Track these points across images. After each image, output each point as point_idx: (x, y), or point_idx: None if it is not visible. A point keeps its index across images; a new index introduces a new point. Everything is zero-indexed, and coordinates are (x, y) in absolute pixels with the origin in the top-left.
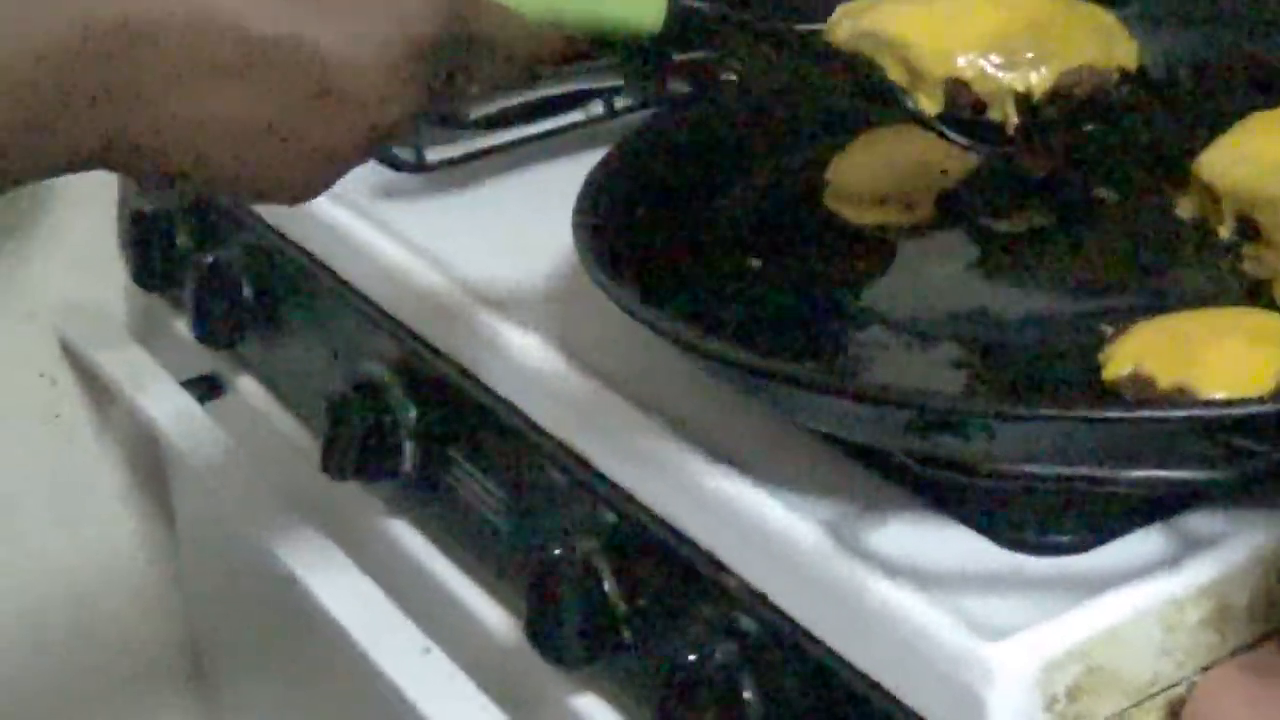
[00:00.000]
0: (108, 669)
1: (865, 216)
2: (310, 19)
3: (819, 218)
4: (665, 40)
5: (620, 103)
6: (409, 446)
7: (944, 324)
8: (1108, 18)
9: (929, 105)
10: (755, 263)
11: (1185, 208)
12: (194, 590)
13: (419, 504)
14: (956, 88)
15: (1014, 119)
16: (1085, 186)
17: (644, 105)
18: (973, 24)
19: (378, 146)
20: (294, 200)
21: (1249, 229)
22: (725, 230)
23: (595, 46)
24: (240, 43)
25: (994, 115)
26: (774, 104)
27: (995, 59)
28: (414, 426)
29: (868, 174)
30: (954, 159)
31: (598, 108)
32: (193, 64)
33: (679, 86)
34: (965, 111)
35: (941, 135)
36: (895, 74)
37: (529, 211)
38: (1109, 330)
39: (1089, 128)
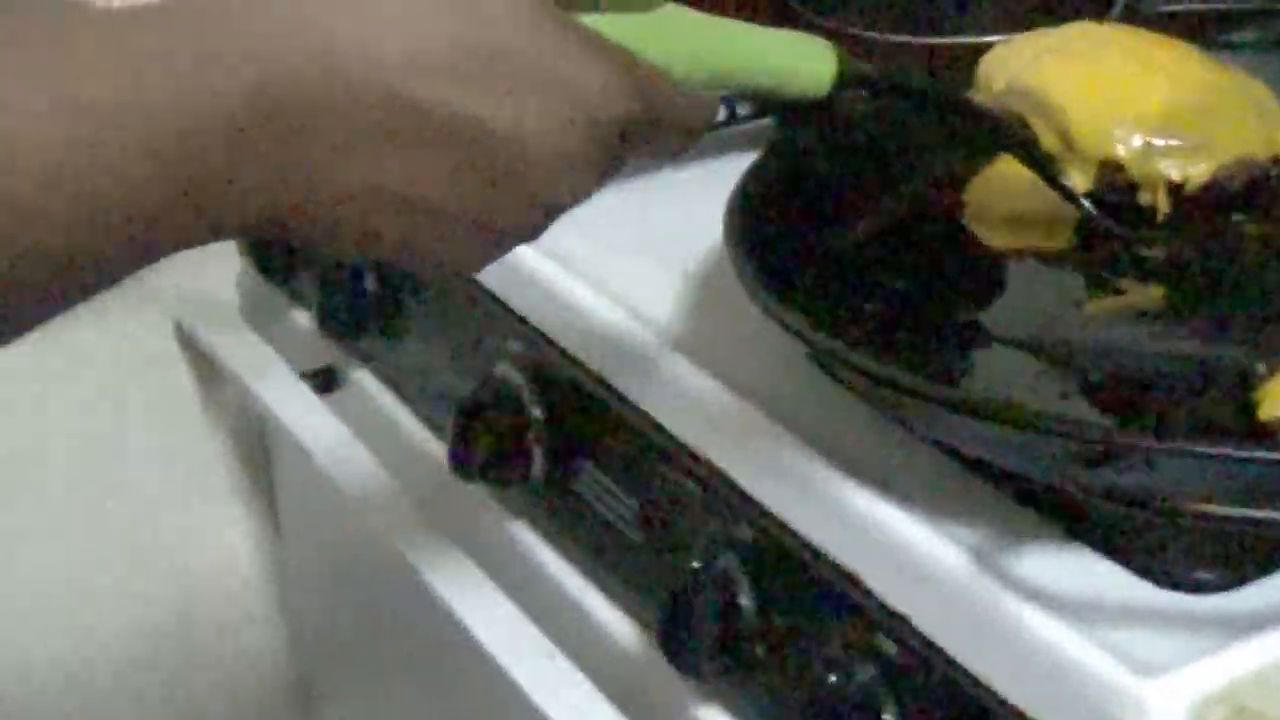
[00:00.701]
0: (210, 674)
1: (1005, 240)
2: (492, 98)
3: (959, 239)
4: (829, 102)
5: (741, 109)
6: (538, 451)
7: (1086, 354)
8: (1266, 95)
9: (1079, 181)
10: (897, 281)
11: None
12: (299, 591)
13: (546, 510)
14: (1112, 170)
15: (1165, 208)
16: (1226, 215)
17: (765, 112)
18: (1136, 99)
19: (550, 224)
20: (455, 275)
21: None
22: (867, 248)
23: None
24: (412, 116)
25: (1143, 200)
26: (914, 120)
27: (1156, 143)
28: (544, 431)
29: (1007, 195)
30: None
31: (720, 114)
32: (367, 134)
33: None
34: (1115, 194)
35: (1086, 212)
36: (1049, 142)
37: (659, 214)
38: (1262, 367)
39: (1238, 218)
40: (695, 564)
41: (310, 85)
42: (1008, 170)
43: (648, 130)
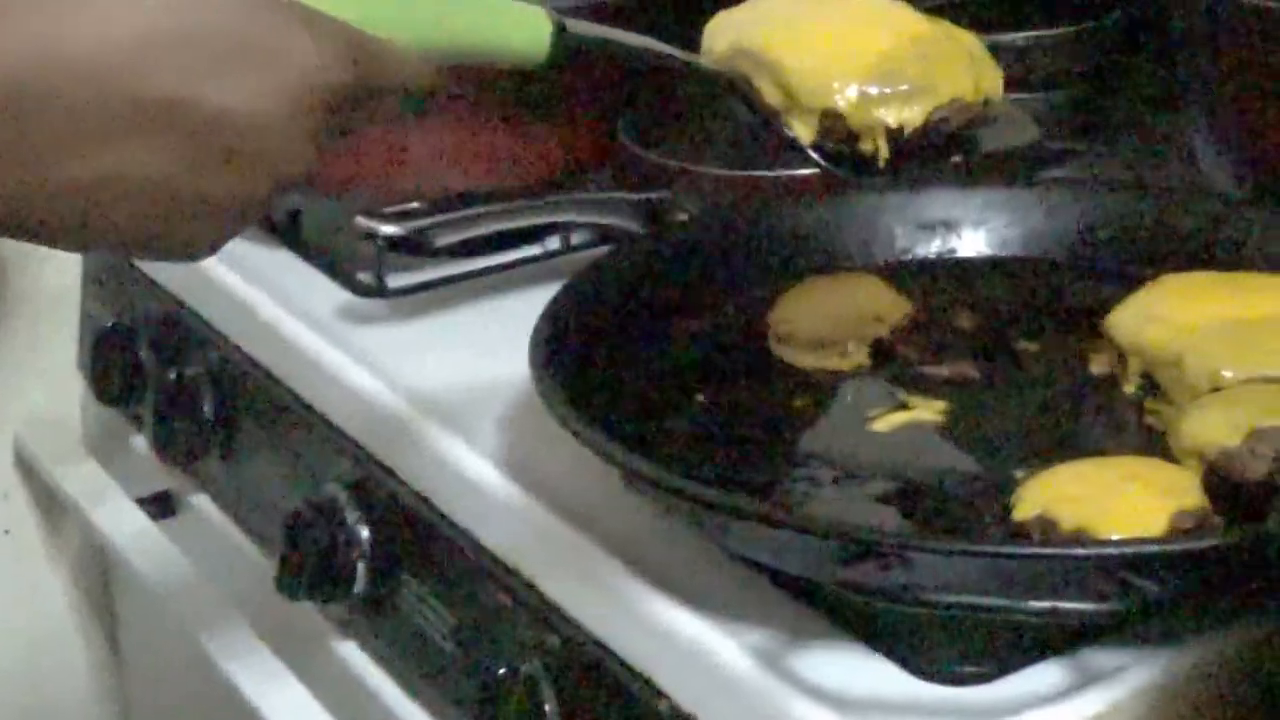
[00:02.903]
0: None
1: (804, 360)
2: (207, 77)
3: (762, 358)
4: (552, 65)
5: (577, 238)
6: (362, 567)
7: (874, 465)
8: (974, 43)
9: (804, 133)
10: (700, 398)
11: (1098, 363)
12: (140, 711)
13: (370, 625)
14: (832, 119)
15: (885, 153)
16: (1008, 339)
17: (600, 241)
18: (849, 51)
19: (279, 198)
20: (194, 257)
21: (1151, 385)
22: (674, 365)
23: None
24: (134, 103)
25: (866, 147)
26: (723, 246)
27: (871, 91)
28: (368, 548)
29: (807, 320)
30: (887, 308)
31: (555, 243)
32: (87, 126)
33: (632, 225)
34: (838, 143)
35: (812, 163)
36: (772, 98)
37: (485, 338)
38: (1020, 474)
39: (955, 159)
40: (501, 672)
41: (32, 75)
42: (808, 294)
43: (366, 97)
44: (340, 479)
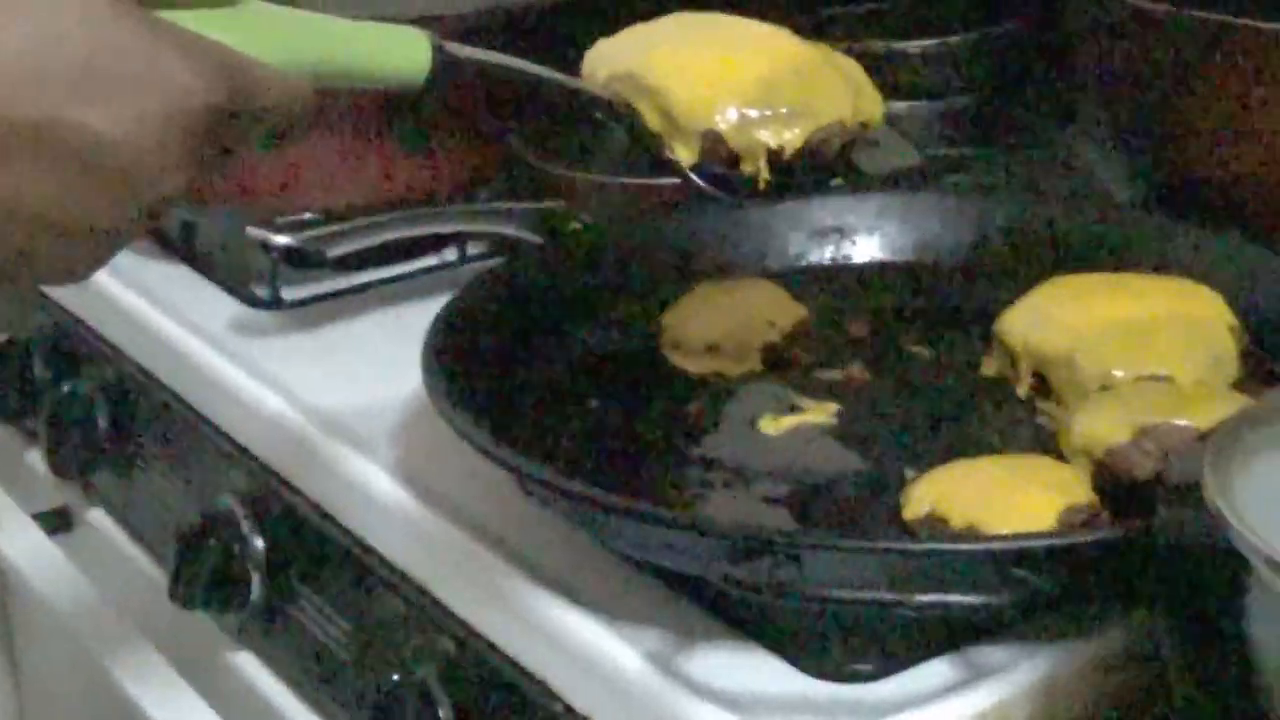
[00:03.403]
0: None
1: (696, 364)
2: (76, 100)
3: (655, 363)
4: (432, 87)
5: (473, 249)
6: (257, 578)
7: (765, 467)
8: (854, 68)
9: (685, 155)
10: (594, 403)
11: (989, 365)
12: None
13: (266, 635)
14: (712, 141)
15: (766, 175)
16: (900, 343)
17: (497, 252)
18: (729, 75)
19: (156, 220)
20: (71, 279)
21: (1042, 385)
22: (567, 371)
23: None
24: (16, 132)
25: (747, 169)
26: (617, 253)
27: (751, 114)
28: (263, 558)
29: (699, 324)
30: (781, 314)
31: (451, 253)
32: None
33: (527, 234)
34: (719, 165)
35: (695, 186)
36: (654, 121)
37: (381, 350)
38: (911, 474)
39: (835, 182)
40: (395, 677)
41: None
42: (700, 299)
43: (243, 120)
44: (235, 491)
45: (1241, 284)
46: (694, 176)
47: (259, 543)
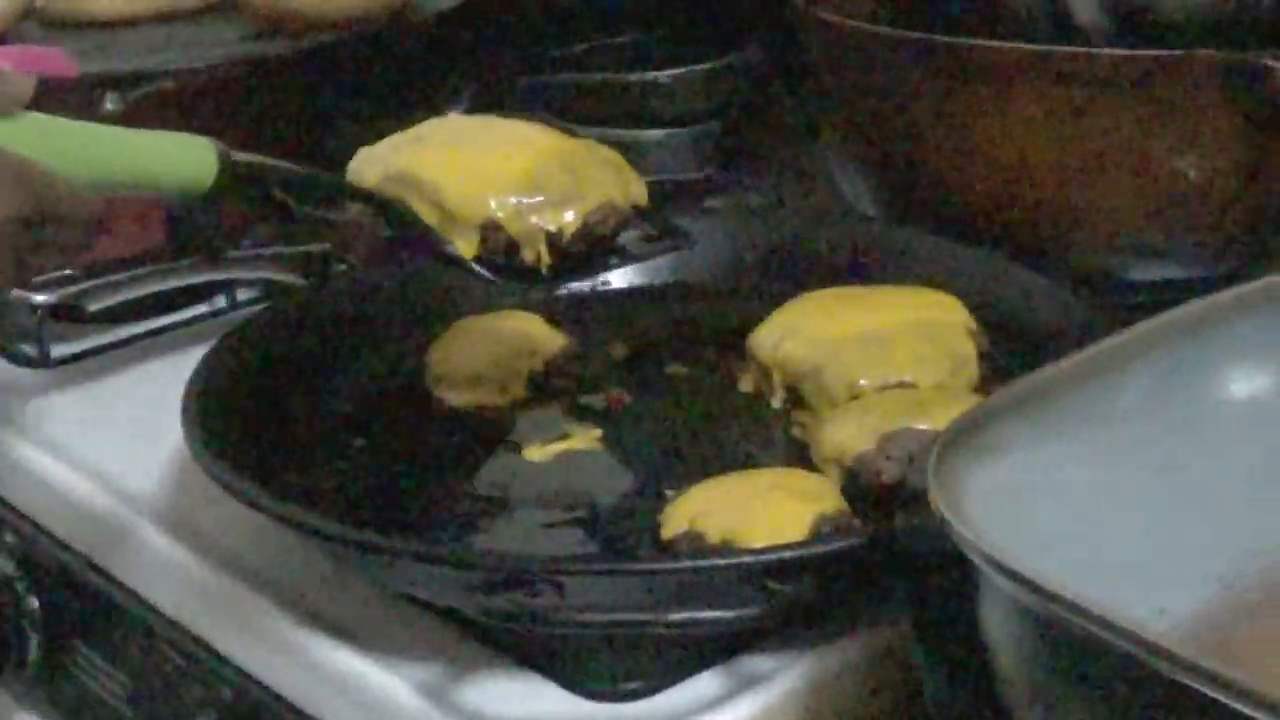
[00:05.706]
0: None
1: (462, 398)
2: None
3: (421, 400)
4: (218, 195)
5: (243, 295)
6: (34, 638)
7: (531, 494)
8: (616, 157)
9: (465, 248)
10: (359, 442)
11: (745, 381)
12: None
13: (46, 695)
14: (491, 231)
15: (547, 259)
16: (660, 364)
17: (267, 297)
18: (500, 167)
19: None
20: None
21: (795, 397)
22: (332, 412)
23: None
24: None
25: (528, 256)
26: (382, 293)
27: (526, 201)
28: (38, 618)
29: (462, 357)
30: (543, 343)
31: (221, 301)
32: None
33: (292, 277)
34: (499, 255)
35: (477, 277)
36: (430, 217)
37: (153, 403)
38: (670, 493)
39: (613, 262)
40: None
41: None
42: (464, 333)
43: (47, 230)
44: (7, 551)
45: (980, 289)
46: (477, 267)
47: (34, 602)
